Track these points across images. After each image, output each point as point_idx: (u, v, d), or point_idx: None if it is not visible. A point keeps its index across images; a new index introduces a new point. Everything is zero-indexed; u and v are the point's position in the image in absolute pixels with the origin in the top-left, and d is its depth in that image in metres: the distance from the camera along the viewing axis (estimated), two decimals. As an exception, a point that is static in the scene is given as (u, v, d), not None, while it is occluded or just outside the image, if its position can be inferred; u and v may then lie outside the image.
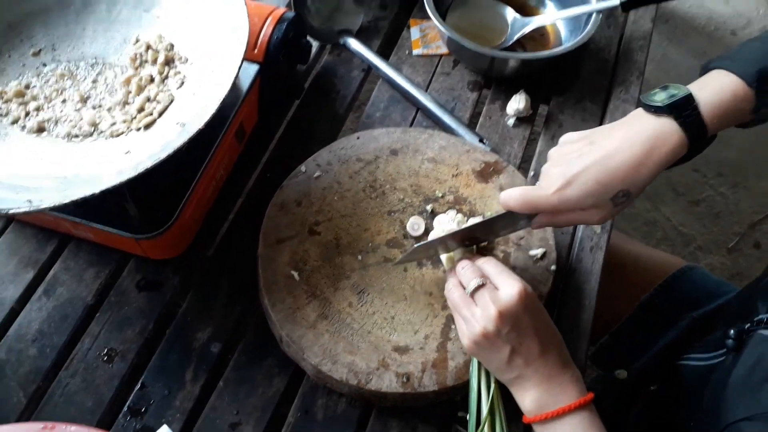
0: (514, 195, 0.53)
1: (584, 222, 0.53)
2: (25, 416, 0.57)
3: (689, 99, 0.50)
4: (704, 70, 0.54)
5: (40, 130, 0.59)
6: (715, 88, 0.50)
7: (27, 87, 0.61)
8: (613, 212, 0.52)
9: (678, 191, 1.50)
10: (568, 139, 0.54)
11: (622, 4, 0.74)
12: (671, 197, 1.50)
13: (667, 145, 0.49)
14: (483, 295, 0.52)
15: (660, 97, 0.51)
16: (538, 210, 0.53)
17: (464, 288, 0.54)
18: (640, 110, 0.52)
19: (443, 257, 0.60)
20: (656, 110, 0.50)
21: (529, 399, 0.52)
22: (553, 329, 0.53)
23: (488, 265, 0.54)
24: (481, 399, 0.55)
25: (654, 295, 0.78)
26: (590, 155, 0.50)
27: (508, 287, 0.51)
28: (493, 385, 0.55)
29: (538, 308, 0.52)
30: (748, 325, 0.60)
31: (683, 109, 0.49)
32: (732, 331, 0.61)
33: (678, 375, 0.70)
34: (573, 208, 0.51)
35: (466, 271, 0.54)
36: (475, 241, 0.60)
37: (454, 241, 0.58)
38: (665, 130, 0.49)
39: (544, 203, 0.52)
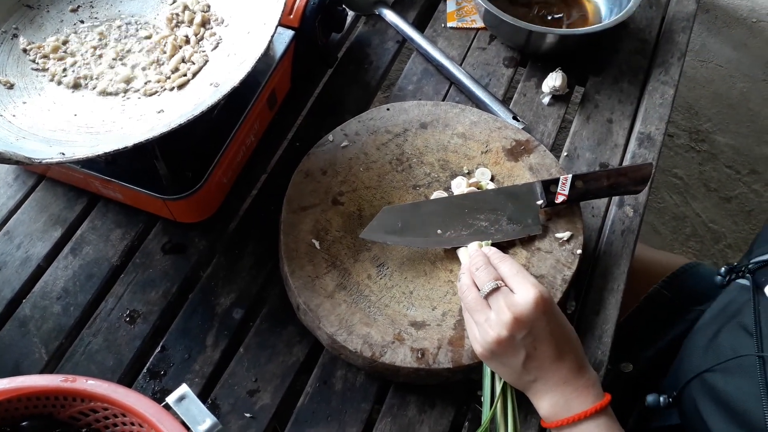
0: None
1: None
2: (46, 372, 0.57)
3: None
4: None
5: (76, 86, 0.59)
6: None
7: (64, 43, 0.62)
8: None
9: (710, 187, 1.46)
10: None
11: (667, -18, 0.71)
12: (703, 192, 1.46)
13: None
14: (498, 300, 0.50)
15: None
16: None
17: (479, 290, 0.52)
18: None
19: (459, 252, 0.59)
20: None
21: (545, 404, 0.51)
22: (570, 332, 0.52)
23: (504, 265, 0.52)
24: (495, 378, 0.54)
25: (662, 287, 0.76)
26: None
27: (525, 291, 0.49)
28: None
29: (556, 312, 0.51)
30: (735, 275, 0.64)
31: None
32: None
33: None
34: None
35: (481, 273, 0.52)
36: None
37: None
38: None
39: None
